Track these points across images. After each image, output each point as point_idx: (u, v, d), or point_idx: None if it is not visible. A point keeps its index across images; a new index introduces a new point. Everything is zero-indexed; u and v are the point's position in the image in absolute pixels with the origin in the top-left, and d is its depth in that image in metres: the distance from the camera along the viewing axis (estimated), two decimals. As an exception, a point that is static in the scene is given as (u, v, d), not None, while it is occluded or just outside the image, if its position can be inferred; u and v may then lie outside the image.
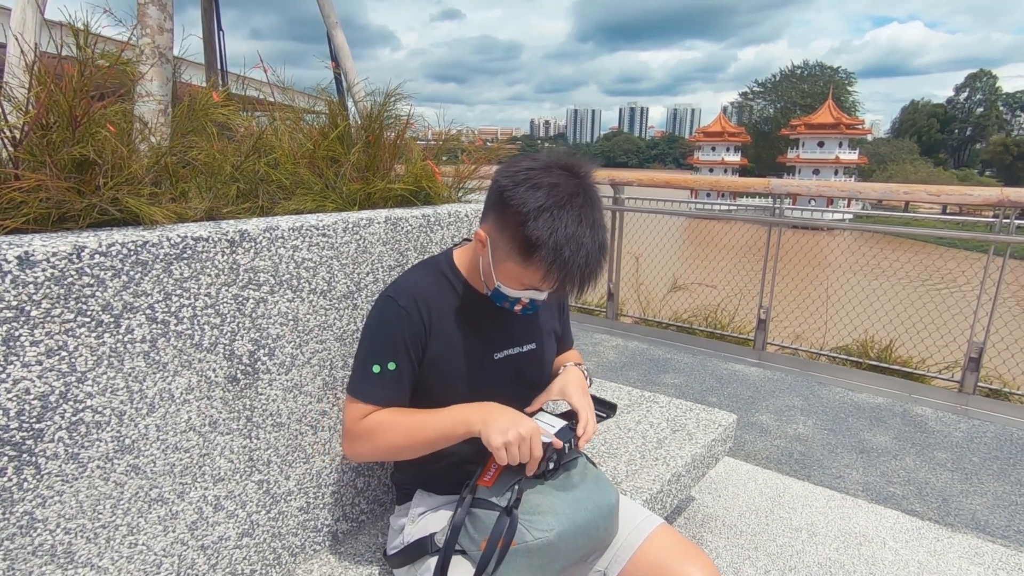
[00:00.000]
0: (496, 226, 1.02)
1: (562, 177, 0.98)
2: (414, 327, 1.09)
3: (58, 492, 0.91)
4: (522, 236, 0.96)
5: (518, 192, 0.97)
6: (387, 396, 1.09)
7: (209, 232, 1.04)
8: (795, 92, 64.81)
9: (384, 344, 1.09)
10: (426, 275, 1.15)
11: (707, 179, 3.86)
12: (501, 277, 1.05)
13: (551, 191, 0.96)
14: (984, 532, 2.11)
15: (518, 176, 0.99)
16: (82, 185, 0.97)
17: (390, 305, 1.09)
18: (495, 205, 1.03)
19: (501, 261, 1.04)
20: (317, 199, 1.39)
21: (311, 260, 1.21)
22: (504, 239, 1.01)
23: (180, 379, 1.03)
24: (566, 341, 1.40)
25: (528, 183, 0.97)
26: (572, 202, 0.96)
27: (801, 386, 3.42)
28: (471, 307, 1.15)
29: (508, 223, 0.99)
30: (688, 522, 2.11)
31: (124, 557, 1.01)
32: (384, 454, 1.12)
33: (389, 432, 1.07)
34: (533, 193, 0.96)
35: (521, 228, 0.96)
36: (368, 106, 1.57)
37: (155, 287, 0.98)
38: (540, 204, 0.95)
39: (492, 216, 1.04)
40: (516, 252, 0.99)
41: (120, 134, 1.04)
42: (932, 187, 3.01)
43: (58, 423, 0.90)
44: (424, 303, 1.10)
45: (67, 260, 0.87)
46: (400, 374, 1.09)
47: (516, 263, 1.00)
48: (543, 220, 0.95)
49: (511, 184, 0.99)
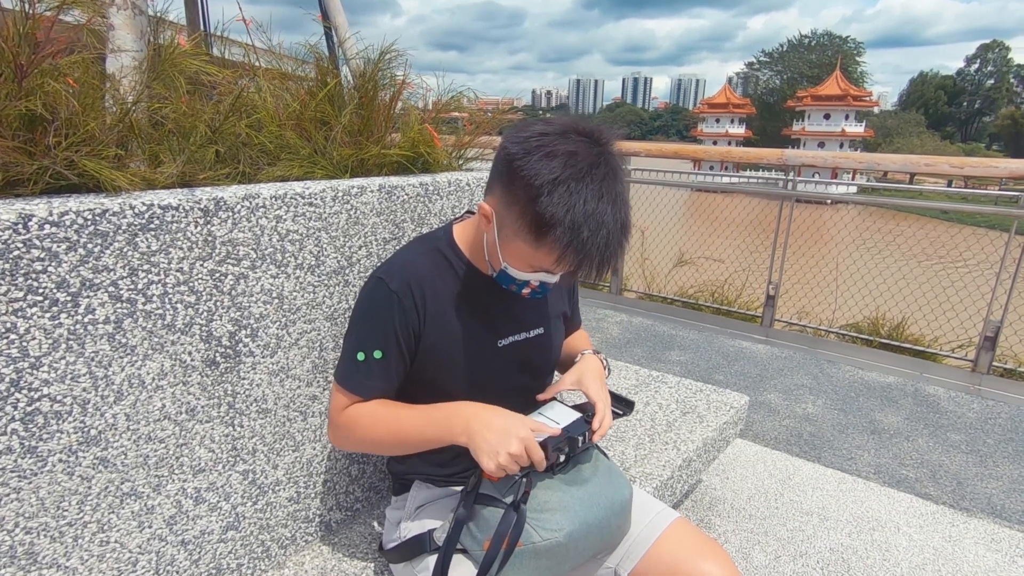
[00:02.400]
0: (504, 200, 0.90)
1: (581, 144, 0.85)
2: (406, 313, 0.98)
3: (14, 489, 0.82)
4: (534, 213, 0.84)
5: (530, 161, 0.84)
6: (371, 386, 0.99)
7: (179, 200, 0.93)
8: (802, 63, 63.49)
9: (371, 331, 0.98)
10: (422, 253, 1.03)
11: (718, 149, 3.70)
12: (508, 258, 0.93)
13: (568, 160, 0.83)
14: (1000, 517, 2.05)
15: (530, 142, 0.85)
16: (31, 145, 0.85)
17: (380, 287, 0.98)
18: (503, 176, 0.89)
19: (508, 240, 0.91)
20: (305, 165, 1.27)
21: (297, 232, 1.10)
22: (513, 216, 0.88)
23: (151, 363, 0.93)
24: (574, 321, 1.30)
25: (542, 151, 0.84)
26: (592, 174, 0.83)
27: (810, 364, 3.34)
28: (473, 289, 1.04)
29: (518, 197, 0.86)
30: (695, 505, 2.04)
31: (95, 556, 0.92)
32: (366, 449, 1.05)
33: (369, 428, 0.98)
34: (547, 163, 0.83)
35: (533, 204, 0.83)
36: (361, 65, 1.43)
37: (118, 262, 0.87)
38: (555, 176, 0.82)
39: (499, 188, 0.91)
40: (526, 231, 0.87)
41: (83, 88, 0.92)
42: (955, 159, 2.87)
43: (10, 414, 0.80)
44: (418, 285, 0.98)
45: (11, 230, 0.76)
46: (387, 364, 0.99)
47: (526, 243, 0.88)
48: (558, 195, 0.82)
49: (522, 152, 0.85)
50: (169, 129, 1.07)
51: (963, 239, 3.71)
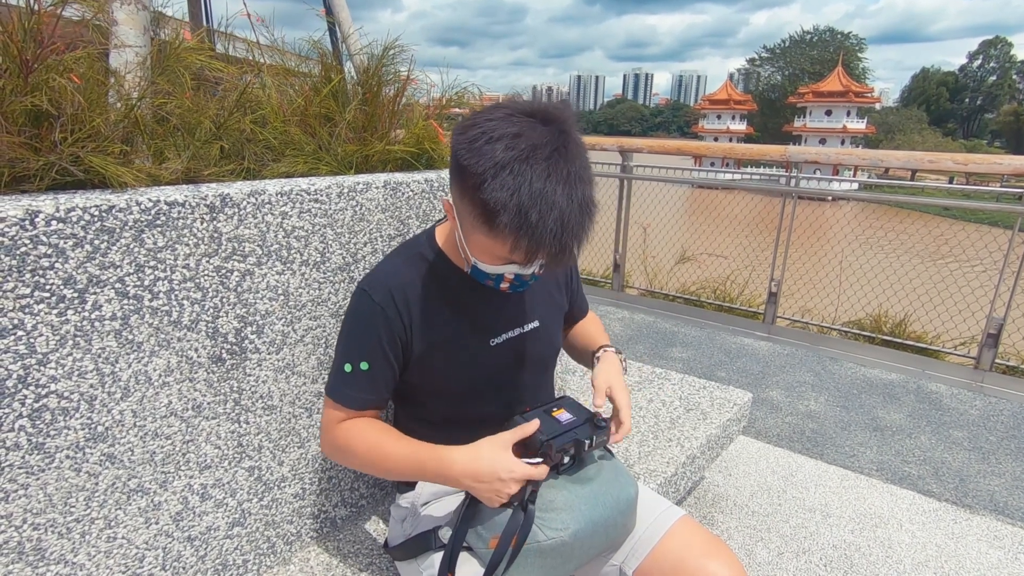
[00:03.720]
0: (457, 194, 0.88)
1: (526, 126, 0.81)
2: (391, 323, 0.97)
3: (22, 485, 0.82)
4: (481, 201, 0.81)
5: (472, 149, 0.81)
6: (360, 398, 0.99)
7: (186, 197, 0.92)
8: (804, 59, 63.25)
9: (357, 342, 0.98)
10: (404, 262, 1.02)
11: (721, 146, 3.69)
12: (474, 251, 0.91)
13: (510, 143, 0.79)
14: (1003, 514, 2.05)
15: (472, 132, 0.82)
16: (37, 141, 0.85)
17: (364, 299, 0.98)
18: (453, 169, 0.88)
19: (469, 233, 0.90)
20: (309, 161, 1.27)
21: (302, 228, 1.10)
22: (466, 208, 0.86)
23: (158, 360, 0.93)
24: (580, 307, 1.29)
25: (483, 137, 0.81)
26: (536, 154, 0.79)
27: (812, 361, 3.34)
28: (458, 291, 1.03)
29: (466, 188, 0.84)
30: (699, 502, 2.05)
31: (102, 552, 0.92)
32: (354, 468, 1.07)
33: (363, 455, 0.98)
34: (489, 149, 0.80)
35: (479, 192, 0.80)
36: (364, 60, 1.42)
37: (124, 258, 0.87)
38: (497, 160, 0.79)
39: (454, 182, 0.89)
40: (480, 221, 0.84)
41: (87, 84, 0.92)
42: (959, 155, 2.86)
43: (17, 410, 0.80)
44: (402, 294, 0.98)
45: (18, 227, 0.76)
46: (373, 375, 0.98)
47: (482, 234, 0.86)
48: (501, 179, 0.78)
49: (465, 143, 0.83)
50: (174, 125, 1.07)
51: (966, 236, 3.70)
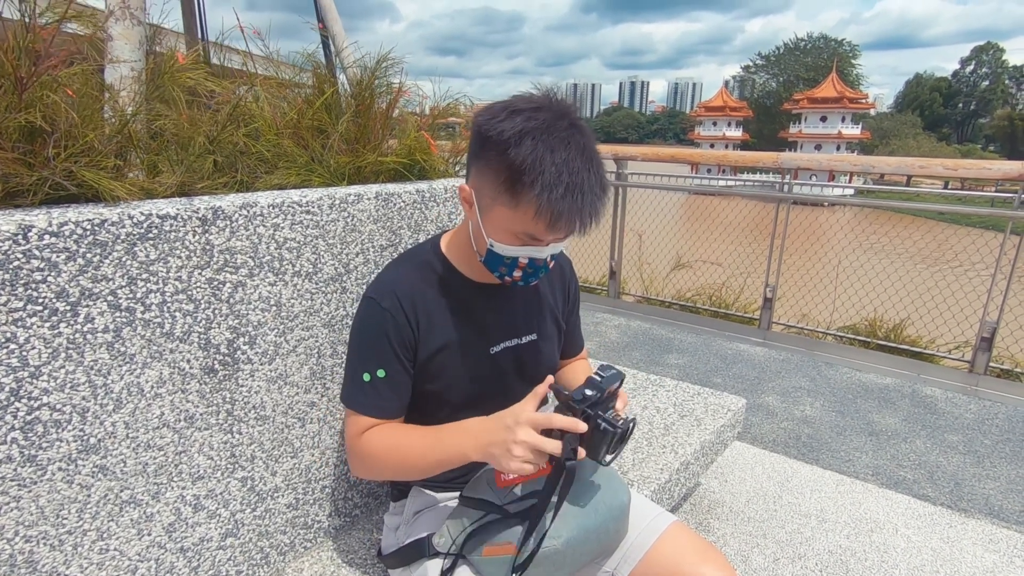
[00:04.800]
0: (478, 169, 0.92)
1: (543, 105, 0.88)
2: (400, 329, 0.99)
3: (14, 498, 0.83)
4: (506, 166, 0.85)
5: (496, 122, 0.87)
6: (382, 406, 1.00)
7: (177, 209, 0.94)
8: (798, 65, 63.76)
9: (371, 351, 0.99)
10: (410, 269, 1.04)
11: (714, 153, 3.72)
12: (492, 231, 0.93)
13: (531, 115, 0.86)
14: (998, 518, 2.06)
15: (494, 108, 0.89)
16: (31, 156, 0.86)
17: (373, 307, 0.99)
18: (475, 148, 0.93)
19: (488, 211, 0.92)
20: (302, 173, 1.28)
21: (294, 240, 1.11)
22: (489, 179, 0.90)
23: (150, 372, 0.94)
24: (575, 342, 1.29)
25: (505, 112, 0.87)
26: (556, 124, 0.86)
27: (807, 366, 3.35)
28: (462, 298, 1.05)
29: (490, 159, 0.88)
30: (694, 508, 2.05)
31: (94, 564, 0.93)
32: (389, 477, 1.06)
33: (385, 459, 0.98)
34: (512, 119, 0.86)
35: (504, 157, 0.85)
36: (357, 73, 1.44)
37: (117, 271, 0.88)
38: (521, 128, 0.85)
39: (474, 162, 0.93)
40: (503, 188, 0.87)
41: (80, 100, 0.93)
42: (949, 161, 2.88)
43: (10, 423, 0.81)
44: (409, 300, 0.99)
45: (11, 241, 0.77)
46: (392, 380, 1.00)
47: (505, 205, 0.89)
48: (526, 144, 0.84)
49: (488, 119, 0.89)
50: (167, 139, 1.08)
51: (958, 240, 3.73)
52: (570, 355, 1.29)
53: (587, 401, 0.85)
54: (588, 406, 0.85)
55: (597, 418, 0.85)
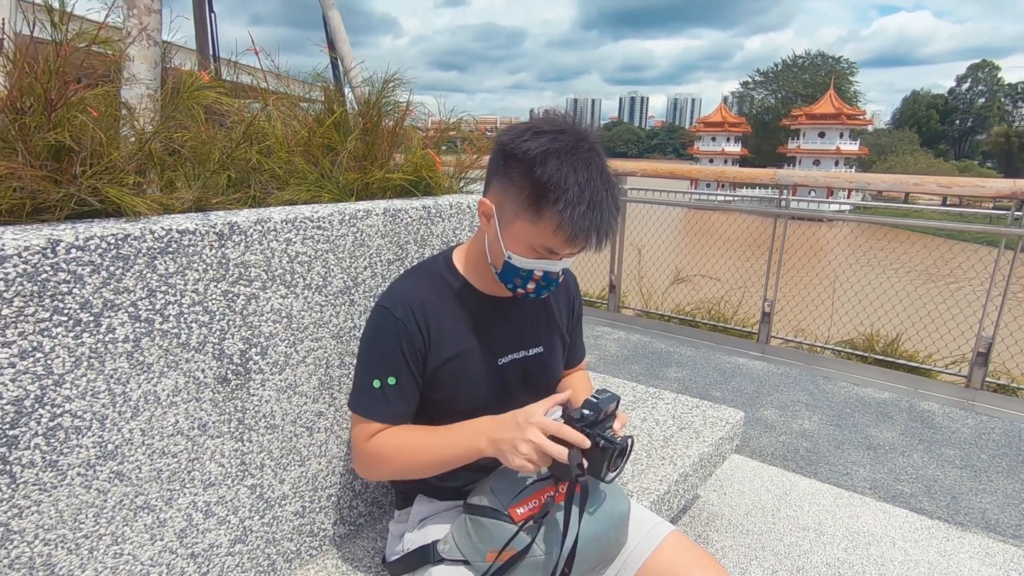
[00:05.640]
0: (501, 185, 0.97)
1: (565, 124, 0.95)
2: (411, 338, 1.02)
3: (35, 502, 0.86)
4: (532, 182, 0.92)
5: (521, 142, 0.93)
6: (390, 412, 1.03)
7: (196, 225, 0.98)
8: (796, 82, 64.42)
9: (382, 358, 1.03)
10: (423, 280, 1.09)
11: (712, 169, 3.78)
12: (511, 245, 0.98)
13: (555, 137, 0.92)
14: (995, 532, 2.07)
15: (518, 129, 0.96)
16: (58, 174, 0.90)
17: (386, 316, 1.03)
18: (499, 164, 0.98)
19: (509, 225, 0.98)
20: (312, 189, 1.32)
21: (305, 254, 1.15)
22: (512, 195, 0.95)
23: (166, 380, 0.98)
24: (576, 353, 1.33)
25: (530, 132, 0.94)
26: (579, 146, 0.93)
27: (806, 380, 3.38)
28: (472, 309, 1.09)
29: (514, 177, 0.94)
30: (693, 521, 2.07)
31: (108, 568, 0.95)
32: (396, 476, 1.09)
33: (395, 458, 1.01)
34: (537, 139, 0.92)
35: (530, 175, 0.92)
36: (365, 92, 1.49)
37: (138, 283, 0.91)
38: (546, 148, 0.91)
39: (496, 179, 0.99)
40: (526, 203, 0.93)
41: (102, 119, 0.98)
42: (943, 179, 2.94)
43: (34, 429, 0.84)
44: (421, 310, 1.03)
45: (41, 255, 0.81)
46: (401, 388, 1.03)
47: (527, 220, 0.95)
48: (551, 163, 0.90)
49: (512, 137, 0.95)
50: (185, 156, 1.13)
51: (953, 256, 3.77)
52: (571, 365, 1.32)
53: (584, 420, 0.90)
54: (586, 425, 0.90)
55: (596, 436, 0.90)
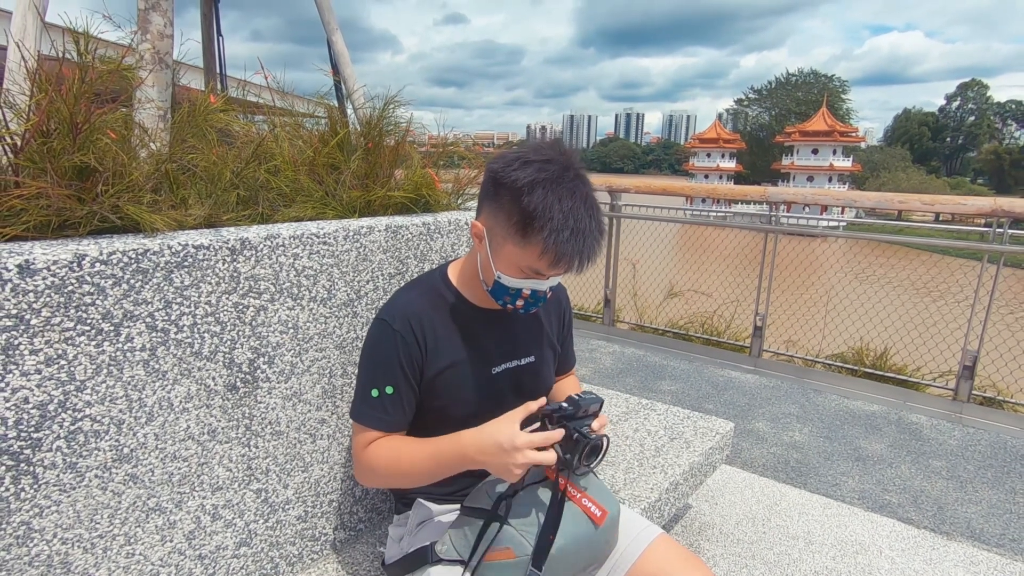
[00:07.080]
0: (491, 210, 1.03)
1: (552, 154, 1.00)
2: (410, 348, 1.08)
3: (55, 502, 0.91)
4: (519, 211, 0.97)
5: (510, 171, 0.99)
6: (388, 421, 1.09)
7: (210, 240, 1.04)
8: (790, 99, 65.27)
9: (381, 368, 1.08)
10: (420, 294, 1.15)
11: (705, 187, 3.87)
12: (500, 265, 1.05)
13: (542, 167, 0.97)
14: (979, 541, 2.12)
15: (508, 158, 1.01)
16: (83, 192, 0.96)
17: (385, 328, 1.09)
18: (489, 191, 1.04)
19: (499, 248, 1.04)
20: (317, 206, 1.39)
21: (311, 268, 1.21)
22: (501, 220, 1.01)
23: (179, 388, 1.03)
24: (568, 360, 1.39)
25: (519, 161, 0.99)
26: (565, 175, 0.98)
27: (797, 393, 3.43)
28: (466, 321, 1.15)
29: (503, 203, 1.00)
30: (685, 530, 2.11)
31: (121, 567, 1.00)
32: (392, 484, 1.15)
33: (391, 467, 1.07)
34: (525, 169, 0.97)
35: (518, 203, 0.97)
36: (367, 113, 1.57)
37: (155, 295, 0.97)
38: (534, 178, 0.96)
39: (487, 203, 1.05)
40: (514, 230, 0.99)
41: (121, 141, 1.04)
42: (927, 196, 3.03)
43: (56, 432, 0.89)
44: (418, 323, 1.09)
45: (68, 268, 0.87)
46: (399, 398, 1.09)
47: (514, 244, 1.00)
48: (538, 193, 0.95)
49: (502, 166, 1.00)
50: (198, 175, 1.19)
51: (938, 271, 3.86)
52: (562, 372, 1.39)
53: (562, 412, 0.97)
54: (563, 417, 0.97)
55: (572, 428, 0.96)
